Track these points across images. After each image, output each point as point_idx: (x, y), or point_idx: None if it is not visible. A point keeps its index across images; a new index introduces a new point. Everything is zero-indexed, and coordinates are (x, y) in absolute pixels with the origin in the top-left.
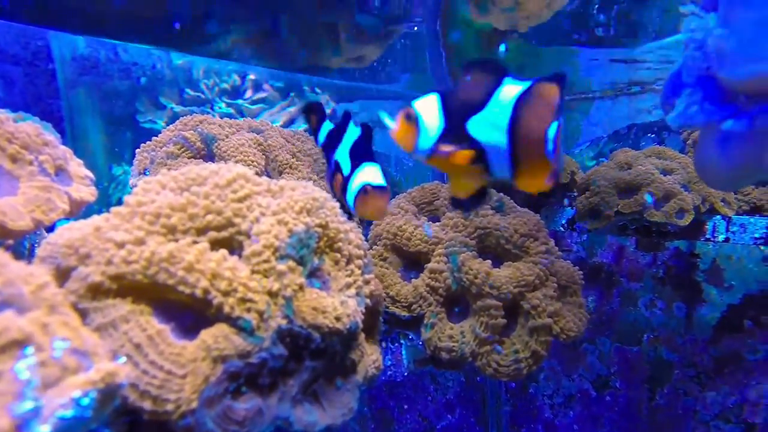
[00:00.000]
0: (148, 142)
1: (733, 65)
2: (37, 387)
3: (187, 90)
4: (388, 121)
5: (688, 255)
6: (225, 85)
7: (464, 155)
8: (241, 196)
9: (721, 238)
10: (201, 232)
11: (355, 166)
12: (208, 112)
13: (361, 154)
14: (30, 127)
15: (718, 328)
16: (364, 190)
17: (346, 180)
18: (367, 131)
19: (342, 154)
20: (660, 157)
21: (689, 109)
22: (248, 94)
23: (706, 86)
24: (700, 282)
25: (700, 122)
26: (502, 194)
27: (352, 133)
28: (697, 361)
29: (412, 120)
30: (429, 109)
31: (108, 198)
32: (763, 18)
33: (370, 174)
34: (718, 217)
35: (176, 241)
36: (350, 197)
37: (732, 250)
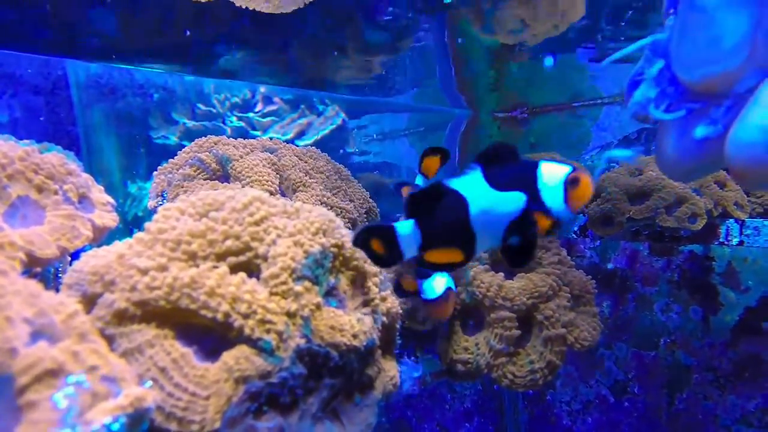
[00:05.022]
0: (165, 164)
1: (687, 66)
2: (76, 415)
3: (199, 105)
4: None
5: (702, 258)
6: (236, 99)
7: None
8: (257, 218)
9: (735, 241)
10: (220, 257)
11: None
12: (219, 126)
13: None
14: (55, 158)
15: (736, 330)
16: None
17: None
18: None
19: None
20: None
21: (648, 100)
22: (259, 107)
23: (662, 83)
24: (716, 285)
25: (659, 116)
26: None
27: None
28: (716, 364)
29: None
30: None
31: (124, 214)
32: (708, 21)
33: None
34: (731, 220)
35: (197, 266)
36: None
37: (747, 252)
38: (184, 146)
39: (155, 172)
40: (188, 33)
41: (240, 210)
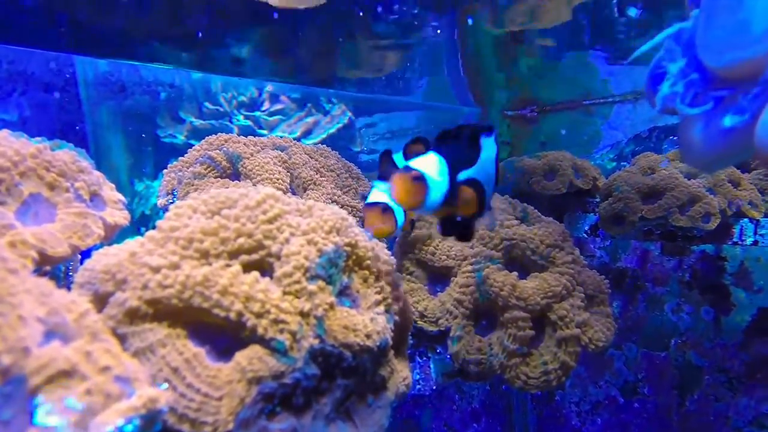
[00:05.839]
0: (175, 162)
1: (714, 52)
2: (81, 419)
3: (206, 104)
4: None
5: (714, 258)
6: (243, 98)
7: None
8: (270, 216)
9: (749, 241)
10: (233, 255)
11: None
12: (226, 125)
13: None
14: (66, 155)
15: (749, 331)
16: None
17: None
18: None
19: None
20: (683, 161)
21: (675, 94)
22: (266, 105)
23: (688, 71)
24: (728, 285)
25: (686, 111)
26: (525, 204)
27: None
28: (728, 366)
29: (421, 182)
30: (433, 169)
31: (131, 212)
32: (736, 4)
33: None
34: (745, 220)
35: (209, 264)
36: None
37: (761, 252)
38: (191, 145)
39: (165, 170)
40: (200, 34)
41: (253, 208)
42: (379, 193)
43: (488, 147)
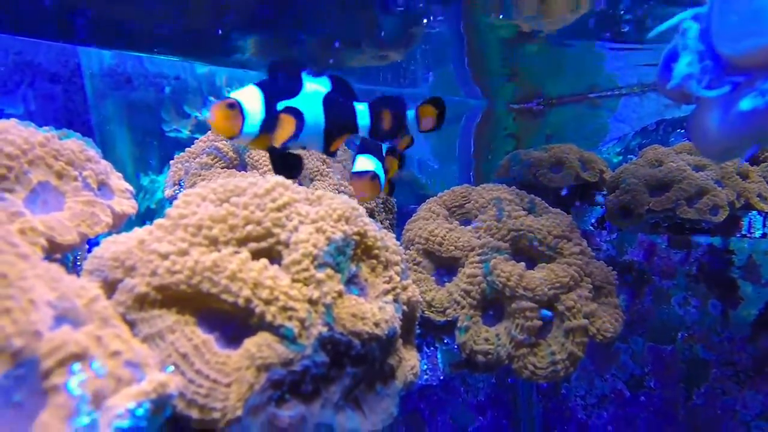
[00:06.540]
0: (182, 153)
1: (729, 40)
2: (91, 401)
3: (210, 98)
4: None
5: (722, 251)
6: None
7: (289, 131)
8: (279, 204)
9: (758, 234)
10: (242, 242)
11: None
12: None
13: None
14: (74, 144)
15: (756, 325)
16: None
17: None
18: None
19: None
20: (691, 153)
21: (691, 75)
22: None
23: (703, 57)
24: (735, 279)
25: (703, 93)
26: (533, 195)
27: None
28: (736, 359)
29: (236, 108)
30: (250, 98)
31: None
32: None
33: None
34: (754, 212)
35: (218, 251)
36: None
37: None
38: (196, 139)
39: (172, 161)
40: (220, 32)
41: (262, 195)
42: (364, 161)
43: (318, 85)
